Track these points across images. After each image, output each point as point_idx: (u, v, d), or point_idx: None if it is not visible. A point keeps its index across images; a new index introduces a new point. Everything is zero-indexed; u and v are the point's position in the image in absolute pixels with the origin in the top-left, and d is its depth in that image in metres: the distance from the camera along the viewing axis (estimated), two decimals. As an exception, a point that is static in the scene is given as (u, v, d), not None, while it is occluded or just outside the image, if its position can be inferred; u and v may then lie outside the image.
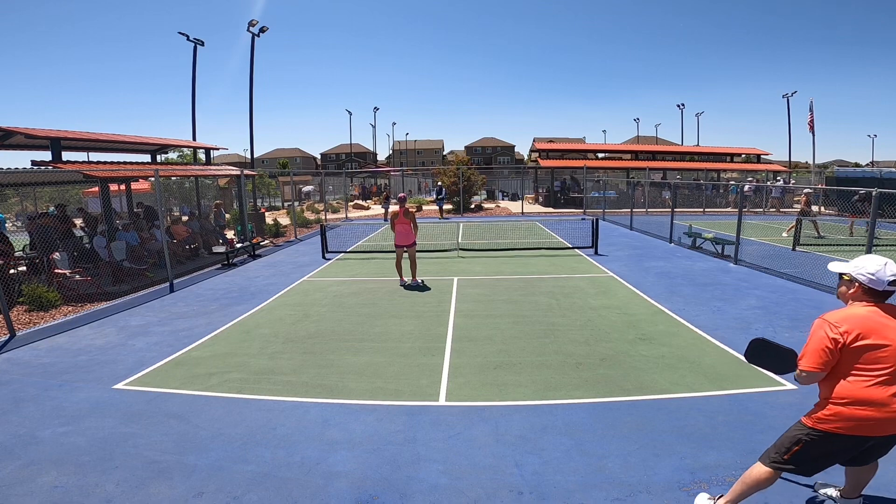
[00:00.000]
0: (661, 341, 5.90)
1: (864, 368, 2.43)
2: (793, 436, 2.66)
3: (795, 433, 2.65)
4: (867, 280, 2.53)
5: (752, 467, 2.79)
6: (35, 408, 4.55)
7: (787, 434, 2.71)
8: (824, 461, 2.63)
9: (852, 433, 2.47)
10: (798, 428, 2.66)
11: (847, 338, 2.44)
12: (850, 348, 2.44)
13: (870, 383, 2.41)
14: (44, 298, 7.96)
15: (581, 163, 27.52)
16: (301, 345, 6.07)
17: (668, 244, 13.61)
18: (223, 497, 3.23)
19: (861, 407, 2.41)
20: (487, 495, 3.20)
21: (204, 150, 18.11)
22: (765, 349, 2.87)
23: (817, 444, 2.56)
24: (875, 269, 2.51)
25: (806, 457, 2.61)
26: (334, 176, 38.38)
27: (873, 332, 2.44)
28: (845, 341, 2.44)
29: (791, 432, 2.69)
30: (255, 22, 19.31)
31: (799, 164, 46.76)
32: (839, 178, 25.16)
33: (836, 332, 2.46)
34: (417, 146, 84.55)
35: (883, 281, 2.49)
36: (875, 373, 2.41)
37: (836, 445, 2.55)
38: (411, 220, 9.03)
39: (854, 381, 2.45)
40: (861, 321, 2.47)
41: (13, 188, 13.29)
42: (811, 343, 2.53)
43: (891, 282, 2.49)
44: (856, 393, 2.43)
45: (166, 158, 20.49)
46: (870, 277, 2.52)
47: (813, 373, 2.51)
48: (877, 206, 7.34)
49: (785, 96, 36.43)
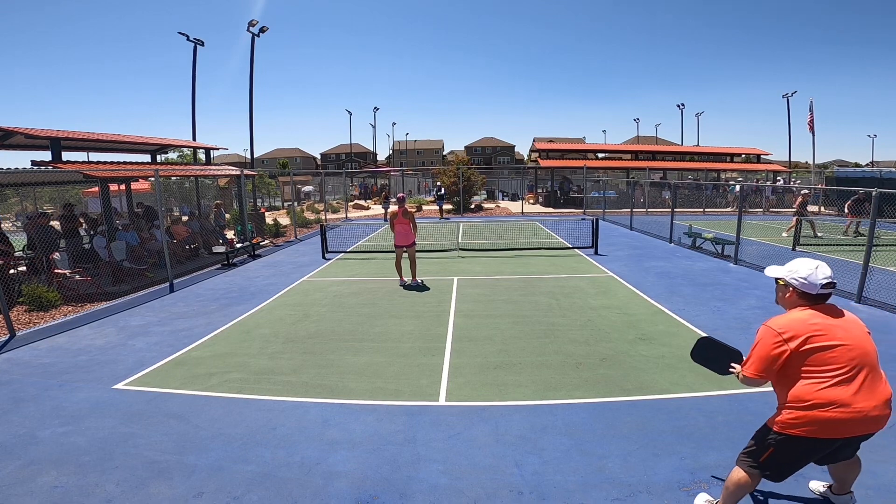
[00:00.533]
0: (661, 341, 5.90)
1: (817, 370, 2.40)
2: (762, 440, 2.63)
3: (764, 437, 2.61)
4: (800, 284, 2.52)
5: (731, 472, 2.76)
6: (35, 408, 4.55)
7: (757, 436, 2.68)
8: (794, 465, 2.60)
9: (818, 436, 2.42)
10: (765, 432, 2.62)
11: (793, 343, 2.41)
12: (797, 352, 2.41)
13: (827, 384, 2.37)
14: (44, 298, 7.96)
15: (581, 163, 27.52)
16: (301, 345, 6.07)
17: (668, 244, 13.61)
18: (223, 497, 3.23)
19: (824, 409, 2.37)
20: (487, 495, 3.20)
21: (204, 150, 18.11)
22: (710, 348, 2.92)
23: (786, 448, 2.53)
24: (807, 273, 2.50)
25: (777, 461, 2.58)
26: (334, 176, 38.38)
27: (819, 333, 2.41)
28: (791, 347, 2.41)
29: (760, 435, 2.66)
30: (255, 22, 19.32)
31: (799, 164, 46.75)
32: (839, 178, 25.17)
33: (780, 338, 2.43)
34: (417, 146, 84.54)
35: (815, 284, 2.49)
36: (830, 373, 2.38)
37: (804, 449, 2.51)
38: (410, 220, 9.03)
39: (811, 384, 2.40)
40: (804, 324, 2.44)
41: (13, 188, 13.28)
42: (756, 349, 2.52)
43: (823, 285, 2.48)
44: (816, 395, 2.38)
45: (166, 158, 20.49)
46: (802, 282, 2.52)
47: (754, 379, 2.50)
48: (877, 207, 7.34)
49: (785, 96, 36.44)
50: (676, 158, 32.92)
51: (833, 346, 2.39)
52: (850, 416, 2.36)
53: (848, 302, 7.44)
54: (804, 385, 2.42)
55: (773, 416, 2.60)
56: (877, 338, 6.13)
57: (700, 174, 29.23)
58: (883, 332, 6.11)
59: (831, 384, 2.37)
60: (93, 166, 11.38)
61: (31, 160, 10.18)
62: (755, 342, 2.55)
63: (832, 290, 2.52)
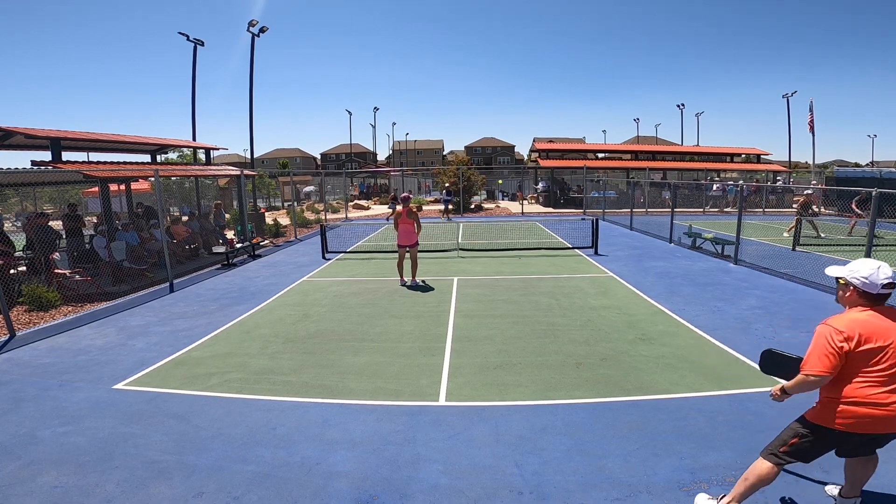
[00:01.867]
0: (661, 341, 5.90)
1: (866, 370, 2.48)
2: (792, 430, 2.74)
3: (795, 427, 2.73)
4: (861, 284, 2.57)
5: (754, 463, 2.83)
6: (35, 408, 4.55)
7: (788, 428, 2.78)
8: (818, 453, 2.71)
9: (850, 430, 2.52)
10: (798, 422, 2.74)
11: (851, 343, 2.47)
12: (854, 353, 2.48)
13: (870, 383, 2.47)
14: (44, 298, 7.95)
15: (581, 163, 27.52)
16: (301, 345, 6.07)
17: (668, 244, 13.61)
18: (223, 497, 3.23)
19: (861, 406, 2.47)
20: (487, 495, 3.20)
21: (204, 150, 18.11)
22: (774, 360, 2.96)
23: (815, 437, 2.64)
24: (868, 273, 2.55)
25: (803, 448, 2.68)
26: (334, 176, 38.38)
27: (875, 335, 2.47)
28: (850, 347, 2.48)
29: (791, 427, 2.77)
30: (255, 22, 19.33)
31: (799, 164, 46.75)
32: (839, 178, 25.16)
33: (842, 337, 2.49)
34: (417, 146, 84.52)
35: (876, 284, 2.53)
36: (876, 374, 2.46)
37: (833, 440, 2.62)
38: (414, 219, 9.03)
39: (856, 383, 2.49)
40: (862, 325, 2.50)
41: (13, 188, 13.29)
42: (816, 349, 2.55)
43: (884, 285, 2.53)
44: (856, 392, 2.48)
45: (166, 158, 20.49)
46: (863, 281, 2.56)
47: (821, 377, 2.51)
48: (877, 206, 7.34)
49: (785, 96, 36.49)
50: (676, 158, 32.93)
51: (885, 346, 2.47)
52: (883, 413, 2.45)
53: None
54: (851, 383, 2.50)
55: (811, 408, 2.70)
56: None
57: (700, 174, 29.22)
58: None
59: (873, 383, 2.47)
60: (93, 166, 11.39)
61: (31, 160, 10.21)
62: (813, 340, 2.59)
63: (892, 290, 2.55)
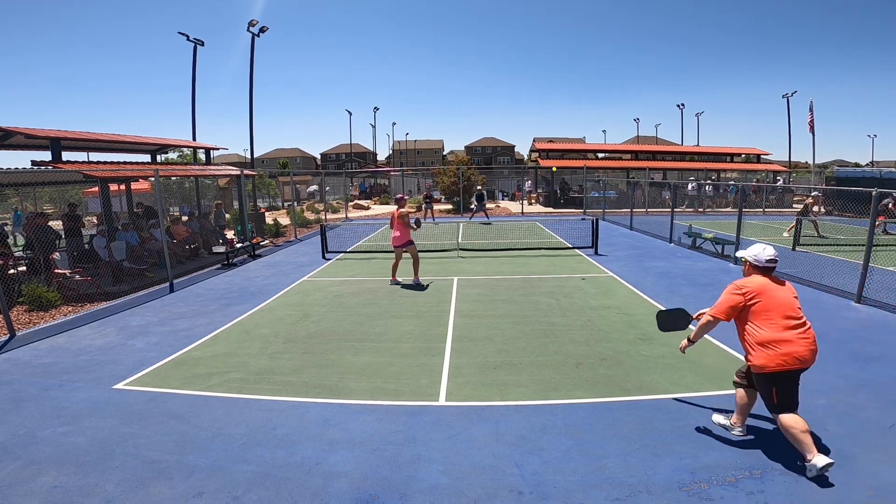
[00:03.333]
0: (661, 341, 5.90)
1: (762, 319, 3.40)
2: (762, 385, 3.47)
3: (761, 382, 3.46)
4: (753, 260, 3.63)
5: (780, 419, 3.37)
6: (35, 408, 4.55)
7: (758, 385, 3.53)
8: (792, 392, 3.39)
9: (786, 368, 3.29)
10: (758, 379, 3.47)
11: (744, 296, 3.47)
12: (748, 303, 3.45)
13: (769, 329, 3.35)
14: (44, 298, 7.96)
15: (581, 163, 27.51)
16: (301, 345, 6.07)
17: (668, 244, 13.61)
18: (223, 497, 3.23)
19: (776, 348, 3.31)
20: (487, 495, 3.20)
21: (204, 150, 18.11)
22: (667, 316, 4.26)
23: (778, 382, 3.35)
24: (756, 253, 3.62)
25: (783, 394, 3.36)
26: (334, 176, 38.37)
27: (762, 293, 3.44)
28: (743, 299, 3.47)
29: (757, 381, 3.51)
30: (255, 22, 19.31)
31: (799, 164, 46.74)
32: (839, 178, 25.14)
33: (738, 291, 3.52)
34: (417, 146, 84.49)
35: (762, 260, 3.58)
36: (772, 321, 3.36)
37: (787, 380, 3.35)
38: (405, 221, 9.05)
39: (757, 329, 3.40)
40: (753, 285, 3.50)
41: (13, 188, 13.29)
42: (721, 300, 3.58)
43: (768, 260, 3.57)
44: (762, 337, 3.36)
45: (166, 158, 20.49)
46: (754, 258, 3.62)
47: (718, 319, 3.56)
48: (876, 206, 7.35)
49: (785, 96, 36.43)
50: (676, 158, 32.91)
51: (772, 301, 3.42)
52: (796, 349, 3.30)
53: (848, 302, 7.44)
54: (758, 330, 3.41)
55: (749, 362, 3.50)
56: (877, 338, 6.11)
57: (700, 174, 29.21)
58: (883, 332, 6.11)
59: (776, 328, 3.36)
60: (93, 166, 11.38)
61: (31, 160, 10.19)
62: (721, 296, 3.60)
63: (775, 264, 3.59)
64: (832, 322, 6.53)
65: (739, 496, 3.11)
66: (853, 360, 5.24)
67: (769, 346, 3.30)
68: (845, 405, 4.26)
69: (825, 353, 5.46)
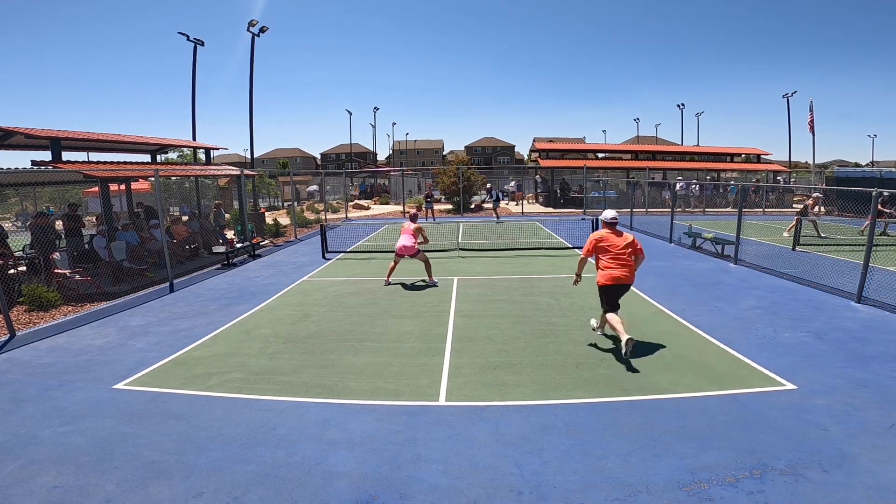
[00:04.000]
0: (661, 341, 5.90)
1: (603, 255, 5.58)
2: (600, 294, 5.68)
3: (599, 292, 5.67)
4: (602, 218, 5.80)
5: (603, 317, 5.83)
6: (35, 408, 4.56)
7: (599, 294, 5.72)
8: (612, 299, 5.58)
9: (608, 283, 5.51)
10: (599, 290, 5.67)
11: (596, 241, 5.61)
12: (598, 246, 5.60)
13: (607, 261, 5.55)
14: (44, 298, 7.96)
15: (581, 163, 27.51)
16: (301, 345, 6.07)
17: (668, 244, 13.61)
18: (223, 497, 3.23)
19: (606, 271, 5.52)
20: (487, 495, 3.20)
21: (204, 150, 18.10)
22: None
23: (605, 291, 5.58)
24: (604, 215, 5.78)
25: (607, 299, 5.59)
26: (334, 176, 38.36)
27: (605, 240, 5.58)
28: (595, 243, 5.61)
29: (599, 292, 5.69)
30: (255, 22, 19.31)
31: (799, 164, 46.74)
32: (839, 178, 25.15)
33: (593, 238, 5.66)
34: (417, 146, 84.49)
35: (606, 218, 5.71)
36: (608, 257, 5.54)
37: (610, 291, 5.55)
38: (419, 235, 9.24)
39: (601, 261, 5.60)
40: (601, 235, 5.64)
41: (13, 188, 13.29)
42: (586, 244, 5.70)
43: (610, 218, 5.68)
44: (603, 266, 5.58)
45: (166, 158, 20.48)
46: (602, 218, 5.78)
47: (584, 256, 5.73)
48: (876, 206, 7.36)
49: (785, 96, 36.44)
50: (676, 158, 32.89)
51: (610, 245, 5.55)
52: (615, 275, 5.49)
53: (848, 302, 7.44)
54: (601, 261, 5.61)
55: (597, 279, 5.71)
56: (877, 338, 6.10)
57: (700, 174, 29.21)
58: (883, 332, 6.11)
59: (609, 261, 5.54)
60: (93, 166, 11.37)
61: (31, 160, 10.19)
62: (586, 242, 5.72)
63: (616, 221, 5.68)
64: (832, 322, 6.53)
65: (739, 496, 3.11)
66: (853, 360, 5.24)
67: (602, 270, 5.55)
68: (845, 405, 4.26)
69: (825, 352, 5.48)
